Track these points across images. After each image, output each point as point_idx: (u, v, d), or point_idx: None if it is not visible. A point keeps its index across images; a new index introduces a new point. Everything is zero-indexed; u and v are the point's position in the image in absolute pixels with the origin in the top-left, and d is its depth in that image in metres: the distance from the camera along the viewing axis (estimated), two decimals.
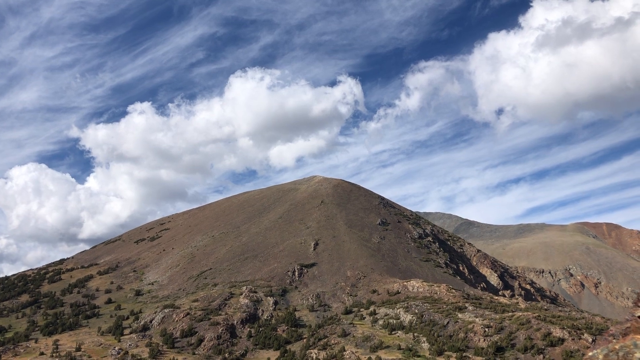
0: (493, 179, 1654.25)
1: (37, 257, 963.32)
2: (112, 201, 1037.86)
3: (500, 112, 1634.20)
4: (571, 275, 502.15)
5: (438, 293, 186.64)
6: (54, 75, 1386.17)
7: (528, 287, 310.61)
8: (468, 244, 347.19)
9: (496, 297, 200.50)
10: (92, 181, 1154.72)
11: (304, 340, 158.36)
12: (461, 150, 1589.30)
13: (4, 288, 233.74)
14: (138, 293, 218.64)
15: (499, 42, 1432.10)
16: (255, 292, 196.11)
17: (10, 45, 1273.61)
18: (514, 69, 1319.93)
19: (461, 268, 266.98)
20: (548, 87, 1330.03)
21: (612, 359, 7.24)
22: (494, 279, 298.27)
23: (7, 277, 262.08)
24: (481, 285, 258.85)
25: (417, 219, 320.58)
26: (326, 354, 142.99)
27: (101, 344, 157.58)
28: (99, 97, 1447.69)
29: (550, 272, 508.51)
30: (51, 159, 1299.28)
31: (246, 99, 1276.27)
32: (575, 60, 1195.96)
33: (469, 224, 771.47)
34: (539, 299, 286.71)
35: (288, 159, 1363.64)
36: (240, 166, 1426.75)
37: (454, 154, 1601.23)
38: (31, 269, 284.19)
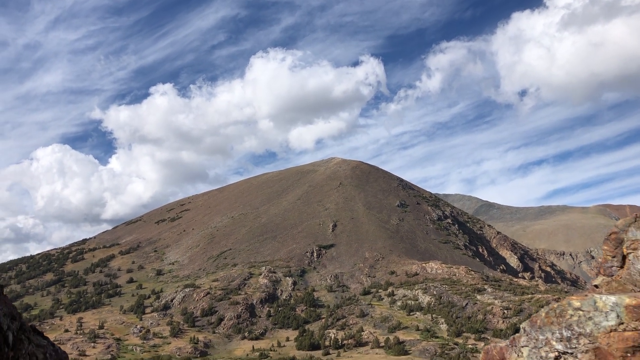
0: (515, 161, 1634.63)
1: (61, 237, 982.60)
2: (134, 182, 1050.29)
3: (523, 93, 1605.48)
4: (592, 257, 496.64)
5: (457, 275, 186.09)
6: (77, 58, 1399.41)
7: (548, 269, 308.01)
8: (488, 225, 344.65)
9: (516, 279, 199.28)
10: (114, 162, 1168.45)
11: (323, 320, 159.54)
12: (483, 131, 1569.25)
13: (29, 267, 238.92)
14: (159, 273, 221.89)
15: (523, 22, 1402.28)
16: (274, 272, 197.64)
17: (35, 28, 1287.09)
18: (538, 49, 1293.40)
19: (480, 250, 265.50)
20: (573, 68, 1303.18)
21: (551, 315, 8.68)
22: (513, 261, 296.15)
23: (32, 256, 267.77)
24: (501, 267, 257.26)
25: (436, 200, 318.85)
26: (344, 333, 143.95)
27: (123, 322, 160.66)
28: (121, 80, 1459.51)
29: (571, 255, 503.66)
30: (74, 141, 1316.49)
31: (267, 80, 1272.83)
32: (601, 39, 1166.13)
33: (489, 205, 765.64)
34: (559, 281, 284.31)
35: (308, 141, 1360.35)
36: (260, 148, 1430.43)
37: (476, 136, 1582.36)
38: (55, 249, 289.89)
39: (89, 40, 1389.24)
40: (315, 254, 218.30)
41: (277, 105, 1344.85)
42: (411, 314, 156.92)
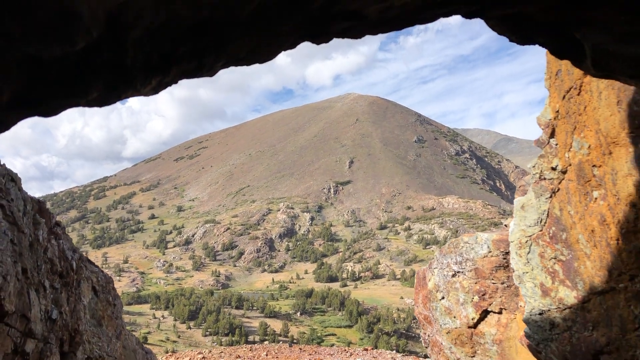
0: (537, 94, 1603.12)
1: (85, 174, 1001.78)
2: (153, 119, 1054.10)
3: None
4: None
5: (474, 209, 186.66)
6: None
7: None
8: (506, 160, 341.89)
9: None
10: (133, 100, 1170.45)
11: (340, 253, 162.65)
12: (505, 64, 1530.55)
13: (53, 204, 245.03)
14: (179, 209, 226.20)
15: None
16: (292, 208, 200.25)
17: None
18: None
19: (498, 184, 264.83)
20: None
21: (451, 247, 11.63)
22: None
23: (55, 194, 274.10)
24: None
25: (454, 135, 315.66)
26: (361, 266, 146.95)
27: (147, 256, 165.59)
28: None
29: None
30: None
31: None
32: None
33: (508, 139, 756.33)
34: None
35: (325, 77, 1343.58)
36: (278, 85, 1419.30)
37: (498, 68, 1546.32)
38: (77, 186, 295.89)
39: None
40: (332, 190, 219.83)
41: None
42: (427, 247, 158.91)
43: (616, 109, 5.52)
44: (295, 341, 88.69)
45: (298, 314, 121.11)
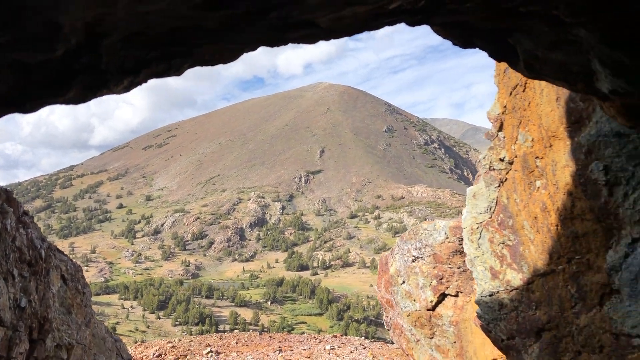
0: None
1: (51, 163, 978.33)
2: (121, 107, 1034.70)
3: None
4: None
5: (442, 198, 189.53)
6: None
7: None
8: (474, 149, 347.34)
9: None
10: None
11: (311, 242, 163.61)
12: (474, 55, 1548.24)
13: (17, 194, 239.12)
14: (148, 198, 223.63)
15: None
16: (263, 197, 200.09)
17: None
18: None
19: (466, 174, 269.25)
20: None
21: (411, 233, 12.16)
22: None
23: (19, 183, 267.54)
24: None
25: (423, 125, 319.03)
26: (332, 255, 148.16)
27: (115, 246, 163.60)
28: None
29: None
30: None
31: None
32: None
33: (476, 129, 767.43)
34: None
35: (296, 66, 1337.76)
36: (248, 74, 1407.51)
37: (467, 59, 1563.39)
38: (43, 175, 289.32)
39: None
40: (303, 180, 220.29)
41: None
42: (396, 235, 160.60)
43: (555, 105, 6.00)
44: (265, 329, 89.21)
45: (269, 302, 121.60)
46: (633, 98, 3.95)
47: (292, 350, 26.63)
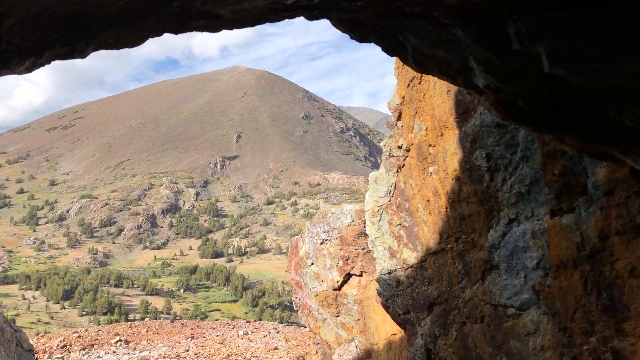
0: None
1: None
2: (22, 85, 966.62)
3: None
4: None
5: (356, 184, 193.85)
6: None
7: None
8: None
9: None
10: None
11: (226, 229, 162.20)
12: None
13: None
14: (52, 183, 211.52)
15: None
16: (176, 183, 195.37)
17: None
18: None
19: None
20: None
21: (320, 217, 12.69)
22: None
23: None
24: None
25: (340, 113, 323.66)
26: (247, 241, 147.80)
27: (15, 233, 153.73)
28: None
29: None
30: None
31: None
32: None
33: (389, 118, 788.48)
34: None
35: (212, 48, 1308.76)
36: (161, 54, 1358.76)
37: (379, 49, 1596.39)
38: None
39: None
40: (218, 165, 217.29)
41: None
42: None
43: (446, 98, 6.55)
44: (178, 317, 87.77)
45: (181, 290, 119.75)
46: (503, 93, 4.47)
47: (204, 337, 26.64)
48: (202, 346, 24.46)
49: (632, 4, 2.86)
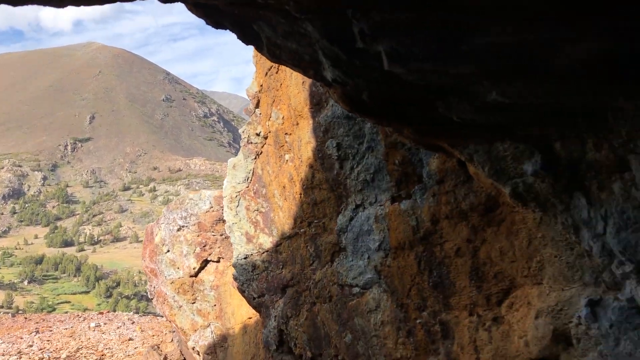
0: None
1: None
2: None
3: None
4: None
5: (220, 171, 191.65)
6: None
7: None
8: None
9: None
10: None
11: (77, 216, 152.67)
12: None
13: None
14: None
15: None
16: (20, 166, 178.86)
17: None
18: None
19: None
20: None
21: (177, 203, 12.76)
22: None
23: None
24: None
25: (203, 97, 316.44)
26: (101, 229, 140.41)
27: None
28: None
29: None
30: None
31: None
32: None
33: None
34: None
35: (64, 21, 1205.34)
36: (2, 24, 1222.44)
37: None
38: None
39: None
40: (69, 148, 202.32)
41: None
42: None
43: (302, 88, 6.83)
44: (21, 311, 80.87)
45: (25, 282, 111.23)
46: (349, 87, 4.80)
47: (51, 331, 24.90)
48: (49, 340, 22.98)
49: (452, 9, 3.16)
